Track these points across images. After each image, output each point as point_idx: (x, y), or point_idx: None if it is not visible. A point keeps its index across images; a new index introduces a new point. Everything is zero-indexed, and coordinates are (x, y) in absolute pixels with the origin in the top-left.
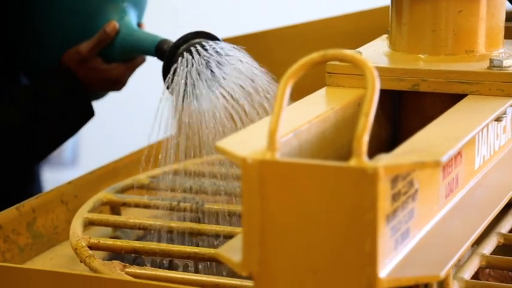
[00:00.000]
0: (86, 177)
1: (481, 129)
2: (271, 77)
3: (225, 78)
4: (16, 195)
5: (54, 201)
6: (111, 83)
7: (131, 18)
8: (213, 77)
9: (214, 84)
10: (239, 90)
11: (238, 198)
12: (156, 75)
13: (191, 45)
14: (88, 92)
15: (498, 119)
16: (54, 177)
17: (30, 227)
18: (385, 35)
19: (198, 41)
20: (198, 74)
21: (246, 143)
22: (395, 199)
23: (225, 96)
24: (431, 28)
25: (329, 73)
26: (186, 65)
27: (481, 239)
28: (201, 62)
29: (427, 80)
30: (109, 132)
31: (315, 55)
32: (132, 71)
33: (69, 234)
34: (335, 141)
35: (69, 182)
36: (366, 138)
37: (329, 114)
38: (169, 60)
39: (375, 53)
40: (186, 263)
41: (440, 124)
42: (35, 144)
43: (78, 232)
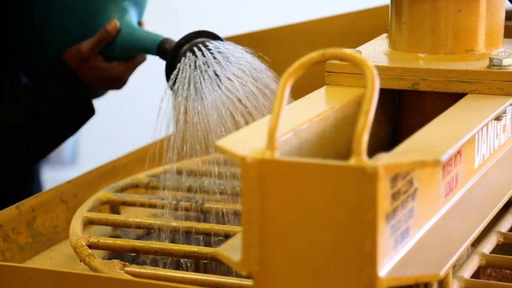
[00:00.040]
0: (85, 177)
1: (481, 128)
2: (275, 75)
3: (227, 78)
4: (16, 195)
5: (54, 201)
6: (112, 81)
7: (132, 17)
8: (216, 76)
9: (217, 83)
10: (242, 90)
11: (238, 197)
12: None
13: (194, 44)
14: (88, 91)
15: (498, 118)
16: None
17: (30, 226)
18: (384, 34)
19: (201, 40)
20: (201, 73)
21: (246, 142)
22: (395, 198)
23: (228, 95)
24: (431, 27)
25: (329, 72)
26: (189, 64)
27: (481, 238)
28: (204, 62)
29: (427, 79)
30: (108, 131)
31: (314, 54)
32: (132, 70)
33: (69, 233)
34: (335, 140)
35: (69, 181)
36: (365, 137)
37: (329, 113)
38: (172, 59)
39: (375, 52)
40: (185, 262)
41: (440, 123)
42: (35, 143)
43: (78, 231)
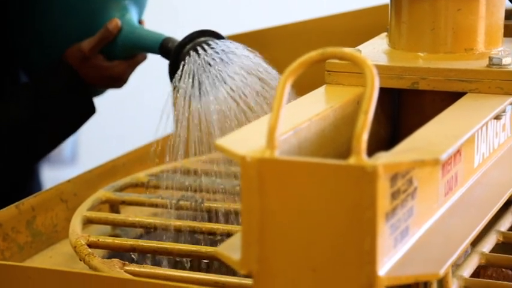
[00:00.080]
0: (85, 176)
1: (481, 127)
2: (278, 74)
3: (231, 77)
4: (15, 194)
5: (54, 200)
6: (113, 80)
7: (132, 15)
8: (220, 75)
9: (221, 82)
10: (246, 88)
11: (238, 197)
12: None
13: (197, 43)
14: (89, 90)
15: (497, 117)
16: (53, 175)
17: (30, 225)
18: (384, 33)
19: (204, 39)
20: (205, 72)
21: (245, 141)
22: (394, 197)
23: (232, 94)
24: (430, 26)
25: (328, 71)
26: (193, 63)
27: (481, 237)
28: (207, 61)
29: (427, 78)
30: (108, 130)
31: (314, 53)
32: (133, 68)
33: (69, 232)
34: (334, 140)
35: (69, 180)
36: (365, 137)
37: (328, 113)
38: (175, 58)
39: (374, 51)
40: (185, 261)
41: (440, 122)
42: (35, 142)
43: (78, 230)
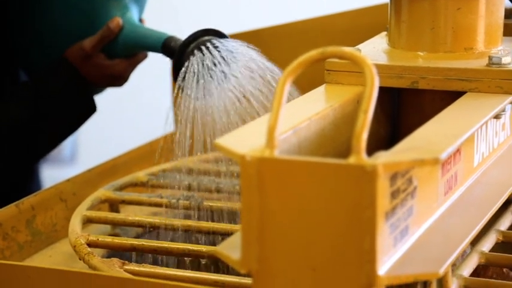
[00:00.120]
0: (84, 175)
1: (480, 127)
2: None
3: (235, 76)
4: (15, 193)
5: (53, 199)
6: (114, 78)
7: (133, 14)
8: (224, 74)
9: (225, 81)
10: (249, 87)
11: (237, 196)
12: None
13: (201, 42)
14: (90, 88)
15: (497, 117)
16: (53, 174)
17: (30, 224)
18: (384, 33)
19: (208, 38)
20: (209, 71)
21: (245, 140)
22: (394, 196)
23: (236, 93)
24: (430, 25)
25: (328, 70)
26: (197, 62)
27: (480, 236)
28: (211, 60)
29: (426, 78)
30: (108, 129)
31: (313, 52)
32: (134, 67)
33: (68, 231)
34: (334, 139)
35: (68, 180)
36: (364, 136)
37: (328, 112)
38: (179, 58)
39: (374, 50)
40: (185, 260)
41: (439, 121)
42: (36, 141)
43: (77, 229)
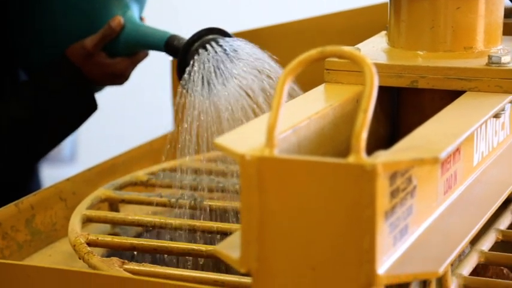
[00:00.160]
0: (84, 174)
1: (480, 126)
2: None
3: (239, 74)
4: (15, 192)
5: (53, 198)
6: (115, 77)
7: (134, 13)
8: (229, 73)
9: (230, 80)
10: (254, 86)
11: (237, 195)
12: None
13: (205, 41)
14: (91, 86)
15: (496, 116)
16: (52, 174)
17: (29, 223)
18: (383, 32)
19: (212, 37)
20: (214, 70)
21: (245, 139)
22: (393, 196)
23: (240, 92)
24: (429, 25)
25: (327, 70)
26: (202, 61)
27: (480, 235)
28: (216, 58)
29: (426, 77)
30: (107, 129)
31: (313, 52)
32: (135, 65)
33: (68, 231)
34: (334, 138)
35: (68, 179)
36: (364, 135)
37: (328, 111)
38: (184, 56)
39: (374, 49)
40: (184, 259)
41: (439, 121)
42: (38, 140)
43: (77, 229)
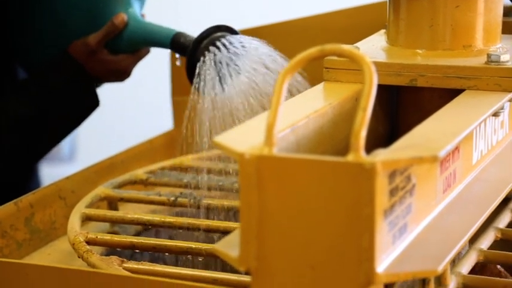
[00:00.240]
0: (83, 173)
1: (479, 124)
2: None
3: (250, 71)
4: (14, 191)
5: (52, 197)
6: (118, 74)
7: (136, 10)
8: (239, 70)
9: (240, 77)
10: (265, 83)
11: (236, 194)
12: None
13: (214, 38)
14: (93, 83)
15: (496, 114)
16: (51, 172)
17: (28, 222)
18: (382, 30)
19: (221, 34)
20: (225, 67)
21: (244, 138)
22: (392, 194)
23: (250, 89)
24: (429, 23)
25: (327, 68)
26: (213, 59)
27: (479, 233)
28: (226, 56)
29: (425, 75)
30: (107, 128)
31: (312, 50)
32: (137, 62)
33: (67, 229)
34: (333, 136)
35: (67, 178)
36: (363, 133)
37: (327, 110)
38: (193, 54)
39: (373, 48)
40: (183, 258)
41: (438, 119)
42: (40, 138)
43: (76, 227)
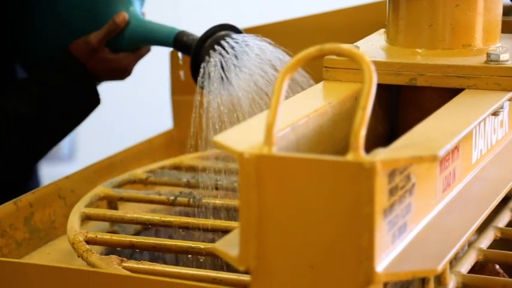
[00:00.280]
0: (83, 172)
1: (478, 124)
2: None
3: (254, 70)
4: (13, 190)
5: (52, 196)
6: (119, 72)
7: (137, 8)
8: (244, 68)
9: (245, 76)
10: (269, 81)
11: (236, 193)
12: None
13: (218, 37)
14: (95, 81)
15: (495, 113)
16: (51, 171)
17: (28, 221)
18: (382, 30)
19: (225, 33)
20: (230, 66)
21: (244, 137)
22: (392, 193)
23: (255, 88)
24: (428, 22)
25: (326, 67)
26: (217, 58)
27: (479, 233)
28: (231, 54)
29: (425, 75)
30: (106, 127)
31: (312, 49)
32: (138, 60)
33: (67, 228)
34: (332, 136)
35: (67, 177)
36: (363, 133)
37: (326, 109)
38: (197, 53)
39: (372, 47)
40: (183, 257)
41: (438, 118)
42: (41, 137)
43: (76, 227)
